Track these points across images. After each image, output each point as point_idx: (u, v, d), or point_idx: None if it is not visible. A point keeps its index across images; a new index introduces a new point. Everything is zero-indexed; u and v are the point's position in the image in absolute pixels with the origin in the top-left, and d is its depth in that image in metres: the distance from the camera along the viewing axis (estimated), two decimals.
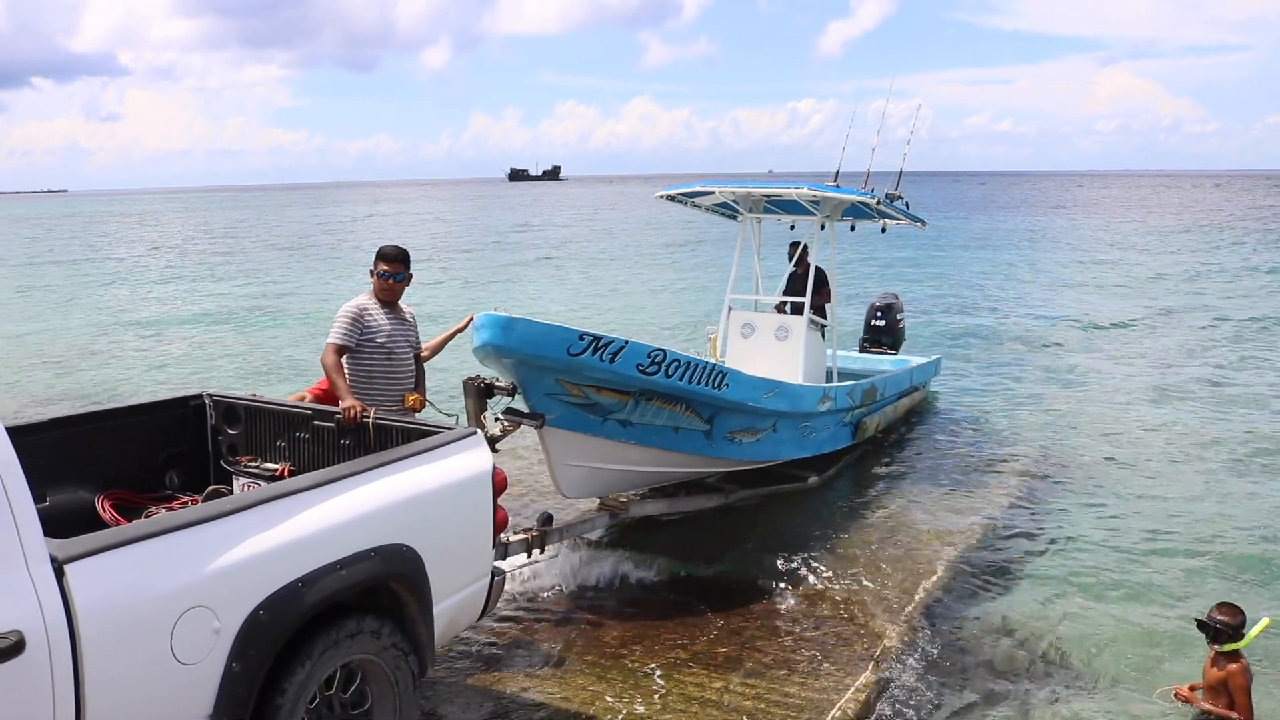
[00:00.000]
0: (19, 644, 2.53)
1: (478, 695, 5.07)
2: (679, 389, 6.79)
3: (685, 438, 7.21)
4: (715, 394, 7.03)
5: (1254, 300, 21.22)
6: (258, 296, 23.90)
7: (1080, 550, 7.27)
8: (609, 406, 6.63)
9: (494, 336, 6.03)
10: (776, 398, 7.75)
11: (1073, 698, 5.14)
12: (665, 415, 6.95)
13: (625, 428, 6.81)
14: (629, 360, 6.44)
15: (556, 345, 6.19)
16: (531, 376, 6.28)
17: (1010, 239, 39.86)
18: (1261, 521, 7.75)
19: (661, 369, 6.61)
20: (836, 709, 4.88)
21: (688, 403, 6.98)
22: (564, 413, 6.48)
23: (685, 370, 6.75)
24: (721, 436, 7.43)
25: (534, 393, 6.36)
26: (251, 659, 3.13)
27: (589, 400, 6.52)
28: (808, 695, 5.03)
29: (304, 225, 57.64)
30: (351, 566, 3.48)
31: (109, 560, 2.80)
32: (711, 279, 24.17)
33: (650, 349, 6.61)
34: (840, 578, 6.67)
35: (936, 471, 9.20)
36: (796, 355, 9.01)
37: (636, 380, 6.55)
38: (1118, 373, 13.85)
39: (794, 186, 9.25)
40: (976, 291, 23.36)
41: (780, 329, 9.21)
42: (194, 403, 5.19)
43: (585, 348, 6.25)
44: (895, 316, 12.35)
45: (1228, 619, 4.67)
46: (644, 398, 6.74)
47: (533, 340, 6.14)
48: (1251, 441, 10.12)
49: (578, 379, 6.38)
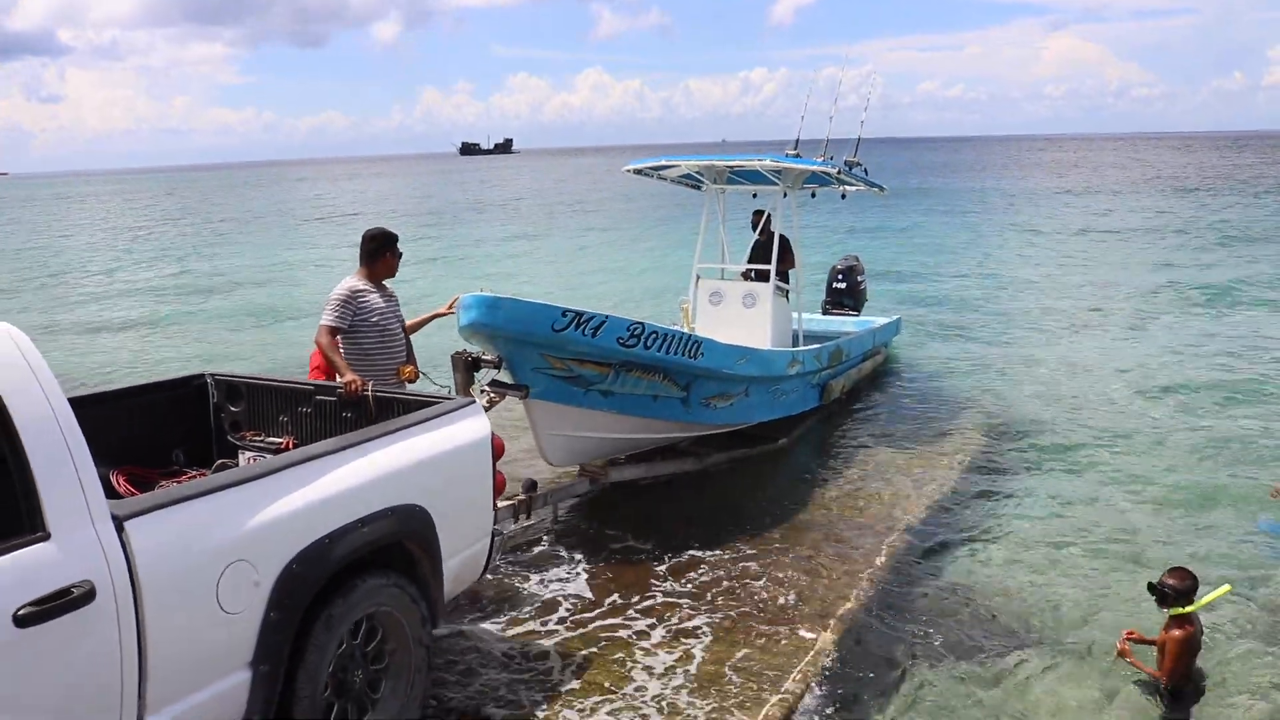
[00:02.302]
0: (90, 592, 2.81)
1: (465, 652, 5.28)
2: (657, 359, 7.12)
3: (663, 405, 7.55)
4: (691, 363, 7.37)
5: (1205, 255, 21.96)
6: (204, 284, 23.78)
7: (1039, 511, 7.38)
8: (591, 378, 6.94)
9: (481, 316, 6.29)
10: (748, 363, 8.10)
11: (1032, 658, 5.26)
12: (644, 385, 7.26)
13: (607, 398, 7.12)
14: (610, 334, 6.76)
15: (541, 322, 6.49)
16: (517, 352, 6.56)
17: (963, 202, 40.59)
18: (1224, 483, 7.86)
19: (640, 341, 6.92)
20: (797, 672, 5.01)
21: (665, 372, 7.30)
22: (548, 385, 6.77)
23: (663, 341, 7.08)
24: (697, 403, 7.78)
25: (520, 368, 6.63)
26: (287, 609, 3.42)
27: (572, 373, 6.82)
28: (768, 659, 5.15)
29: (255, 209, 56.91)
30: (371, 524, 3.77)
31: (163, 518, 3.07)
32: (671, 246, 24.50)
33: (629, 323, 6.92)
34: (802, 542, 6.79)
35: (899, 434, 9.50)
36: (764, 321, 9.40)
37: (617, 353, 6.86)
38: (1073, 332, 14.35)
39: (758, 158, 9.60)
40: (936, 255, 23.90)
41: (748, 296, 9.59)
42: (196, 382, 5.42)
43: (568, 323, 6.54)
44: (856, 279, 12.86)
45: (1175, 583, 4.82)
46: (624, 369, 7.05)
47: (518, 318, 6.42)
48: (1213, 393, 10.63)
49: (561, 353, 6.67)
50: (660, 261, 23.34)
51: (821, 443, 9.37)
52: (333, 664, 3.73)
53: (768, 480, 8.19)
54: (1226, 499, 7.51)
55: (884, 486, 7.99)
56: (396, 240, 5.99)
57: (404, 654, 4.14)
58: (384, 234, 5.95)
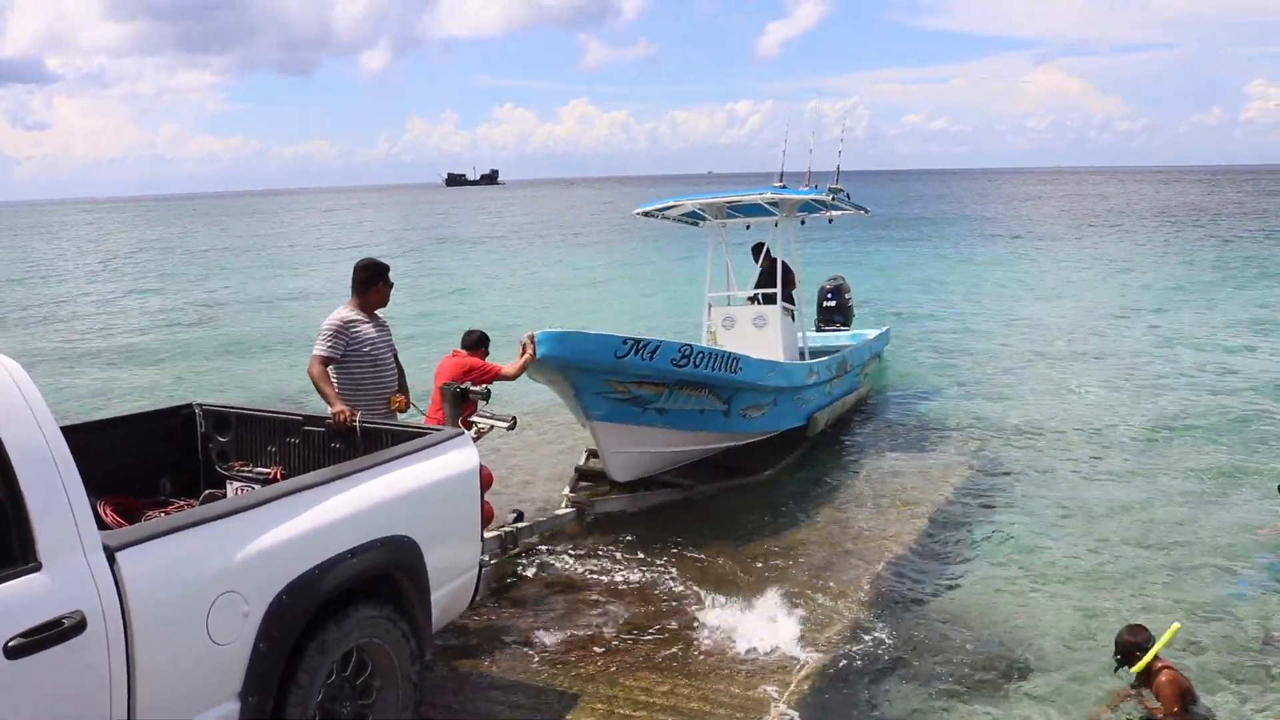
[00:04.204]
0: (81, 623, 2.81)
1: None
2: (704, 376, 7.94)
3: (709, 418, 8.38)
4: (732, 377, 8.18)
5: (1191, 287, 22.21)
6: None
7: (1023, 541, 7.39)
8: (647, 398, 7.77)
9: (551, 349, 7.07)
10: (776, 375, 9.00)
11: (1018, 687, 5.25)
12: (692, 400, 8.09)
13: (661, 415, 7.96)
14: (664, 356, 7.59)
15: (605, 351, 7.35)
16: (584, 379, 7.40)
17: (948, 233, 40.95)
18: (1205, 511, 7.95)
19: (690, 360, 7.76)
20: (781, 702, 5.01)
21: (711, 387, 8.12)
22: (611, 408, 7.64)
23: (708, 359, 7.93)
24: (736, 414, 8.61)
25: (586, 393, 7.48)
26: (276, 640, 3.43)
27: (631, 394, 7.66)
28: (751, 694, 5.14)
29: (243, 239, 56.82)
30: (361, 555, 3.79)
31: (154, 548, 3.08)
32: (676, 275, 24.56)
33: (680, 345, 7.80)
34: (787, 572, 6.82)
35: (883, 464, 9.57)
36: (775, 339, 10.15)
37: (671, 373, 7.69)
38: (1056, 361, 14.52)
39: (758, 192, 10.43)
40: (920, 286, 24.17)
41: (758, 318, 10.38)
42: (184, 412, 5.44)
43: (628, 350, 7.39)
44: (844, 296, 13.80)
45: (1135, 639, 4.97)
46: (677, 387, 7.87)
47: (585, 349, 7.29)
48: (1191, 419, 10.84)
49: (623, 377, 7.52)
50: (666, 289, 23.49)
51: (806, 474, 9.39)
52: (322, 693, 3.73)
53: (753, 511, 8.20)
54: (1210, 532, 7.51)
55: (868, 517, 8.04)
56: (388, 270, 6.05)
57: (391, 689, 4.13)
58: (375, 264, 6.00)
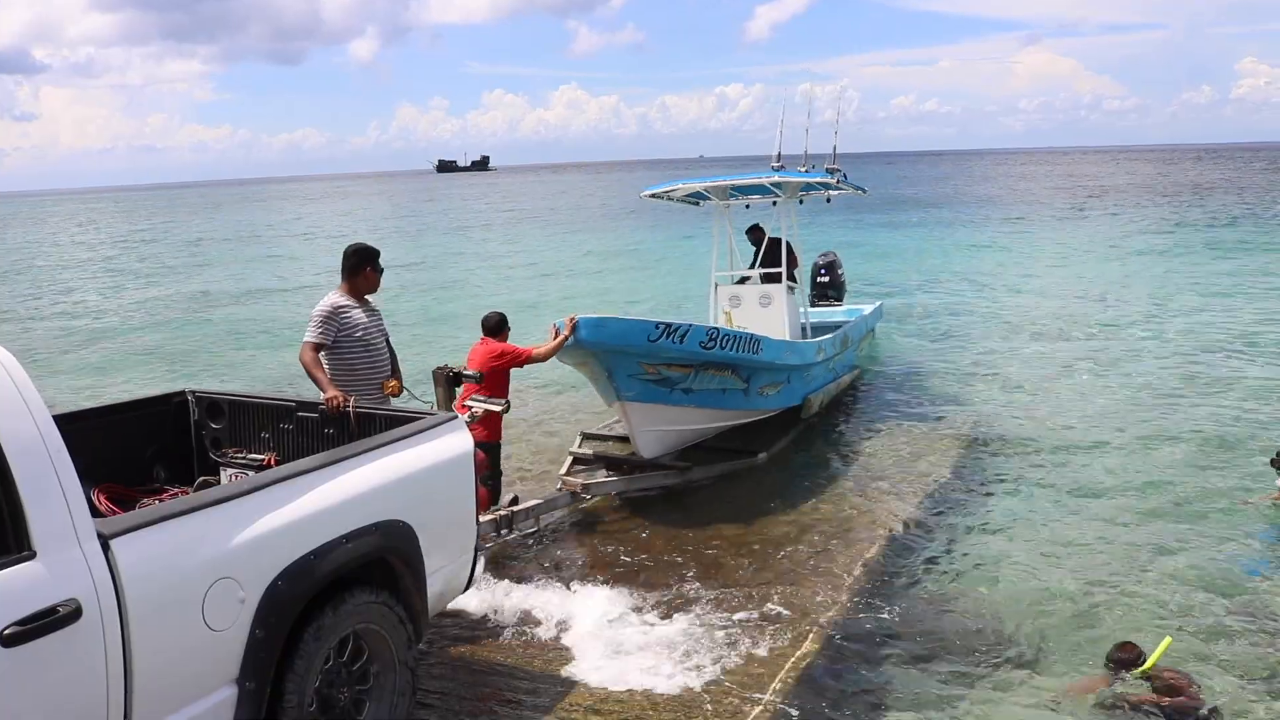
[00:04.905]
0: (76, 611, 2.81)
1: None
2: (729, 357, 8.34)
3: (730, 396, 8.82)
4: (754, 357, 8.60)
5: (1190, 264, 22.24)
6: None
7: (1018, 524, 7.38)
8: (675, 379, 8.17)
9: (589, 334, 7.45)
10: (791, 354, 9.43)
11: (1014, 671, 5.25)
12: (716, 380, 8.49)
13: (687, 394, 8.37)
14: (693, 339, 7.99)
15: (639, 335, 7.75)
16: (619, 361, 7.80)
17: (942, 214, 40.93)
18: (1203, 495, 7.88)
19: (717, 343, 8.17)
20: (777, 681, 5.03)
21: (734, 368, 8.53)
22: (642, 389, 8.02)
23: (733, 341, 8.33)
24: (755, 392, 9.07)
25: (620, 374, 7.87)
26: (272, 625, 3.43)
27: (661, 376, 8.05)
28: (749, 669, 5.18)
29: (232, 227, 56.57)
30: (356, 540, 3.79)
31: (148, 535, 3.08)
32: (660, 258, 24.52)
33: (708, 328, 8.27)
34: (782, 555, 6.84)
35: (878, 446, 9.57)
36: (781, 317, 10.50)
37: (699, 355, 8.09)
38: (1050, 344, 14.46)
39: (763, 175, 10.70)
40: (912, 265, 24.17)
41: (763, 297, 10.70)
42: (177, 399, 5.42)
43: (660, 334, 7.79)
44: (837, 272, 13.98)
45: (1126, 655, 5.08)
46: (703, 368, 8.26)
47: (621, 333, 7.71)
48: (1189, 395, 10.88)
49: (654, 360, 7.91)
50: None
51: (800, 456, 9.42)
52: (319, 679, 3.74)
53: (748, 493, 8.23)
54: (1208, 512, 7.49)
55: (863, 499, 8.04)
56: (377, 255, 6.00)
57: (389, 675, 4.15)
58: (363, 249, 5.96)
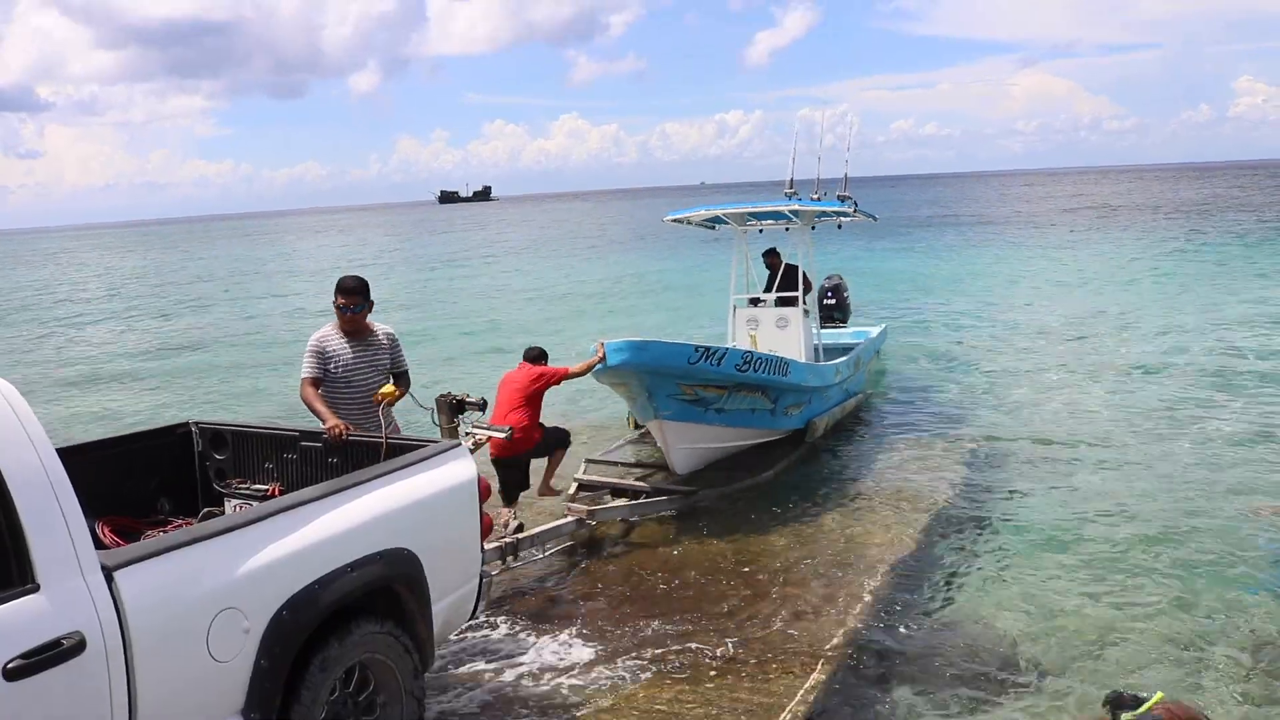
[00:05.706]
0: (80, 644, 2.80)
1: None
2: (761, 379, 8.75)
3: (758, 416, 9.26)
4: (782, 379, 9.00)
5: (1191, 282, 22.24)
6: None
7: (1027, 549, 7.26)
8: (710, 399, 8.55)
9: (632, 356, 7.76)
10: (814, 376, 9.86)
11: (1022, 699, 5.15)
12: (747, 401, 8.91)
13: (720, 414, 8.78)
14: (730, 362, 8.38)
15: (680, 357, 8.09)
16: (659, 383, 8.11)
17: (944, 237, 41.02)
18: (1215, 507, 7.81)
19: (751, 365, 8.56)
20: (787, 712, 4.94)
21: (764, 389, 8.95)
22: (679, 409, 8.38)
23: (765, 364, 8.73)
24: (780, 412, 9.50)
25: (659, 394, 8.18)
26: (277, 656, 3.41)
27: (697, 396, 8.41)
28: (758, 699, 5.10)
29: (234, 262, 56.77)
30: (361, 569, 3.77)
31: (152, 567, 3.07)
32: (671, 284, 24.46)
33: (742, 351, 8.68)
34: (789, 580, 6.76)
35: (883, 468, 9.52)
36: (797, 339, 10.85)
37: (734, 377, 8.48)
38: (1057, 363, 14.44)
39: (783, 203, 11.17)
40: (917, 287, 24.17)
41: (780, 319, 11.06)
42: (180, 431, 5.41)
43: (700, 357, 8.15)
44: (843, 294, 14.22)
45: (1120, 698, 5.02)
46: (736, 389, 8.63)
47: (662, 355, 8.01)
48: (1193, 412, 10.84)
49: (692, 381, 8.26)
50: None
51: (806, 477, 9.36)
52: (325, 710, 3.71)
53: (754, 516, 8.15)
54: (1214, 531, 7.38)
55: (869, 522, 7.95)
56: (352, 289, 5.78)
57: (395, 705, 4.11)
58: (338, 283, 5.89)
